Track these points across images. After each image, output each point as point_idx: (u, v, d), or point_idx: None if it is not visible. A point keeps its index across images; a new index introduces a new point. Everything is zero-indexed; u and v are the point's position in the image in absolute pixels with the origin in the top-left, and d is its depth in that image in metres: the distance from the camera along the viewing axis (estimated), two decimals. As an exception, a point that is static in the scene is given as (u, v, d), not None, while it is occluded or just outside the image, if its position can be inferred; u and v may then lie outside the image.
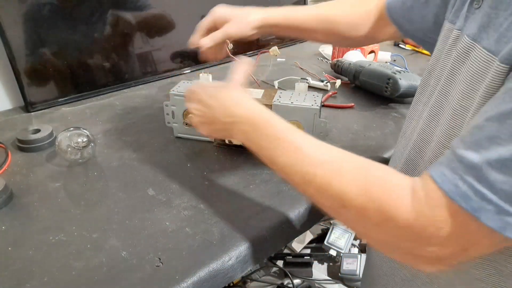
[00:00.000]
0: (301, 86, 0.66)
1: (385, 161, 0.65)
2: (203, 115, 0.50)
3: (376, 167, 0.37)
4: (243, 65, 0.52)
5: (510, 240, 0.29)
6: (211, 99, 0.49)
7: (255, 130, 0.43)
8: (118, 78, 0.91)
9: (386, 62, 1.02)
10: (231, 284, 1.16)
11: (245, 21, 0.63)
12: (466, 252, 0.32)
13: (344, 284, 1.20)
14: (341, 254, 1.21)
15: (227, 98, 0.48)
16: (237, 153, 0.65)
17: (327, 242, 1.24)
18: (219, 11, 0.64)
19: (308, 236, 1.33)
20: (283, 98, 0.63)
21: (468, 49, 0.39)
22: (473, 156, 0.29)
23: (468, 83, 0.37)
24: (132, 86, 0.93)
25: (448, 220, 0.31)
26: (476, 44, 0.37)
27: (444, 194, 0.30)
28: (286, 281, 1.17)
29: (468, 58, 0.38)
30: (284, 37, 0.68)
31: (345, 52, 1.04)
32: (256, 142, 0.43)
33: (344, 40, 0.68)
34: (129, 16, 0.90)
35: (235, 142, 0.63)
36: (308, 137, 0.41)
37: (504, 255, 0.37)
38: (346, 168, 0.37)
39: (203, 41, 0.62)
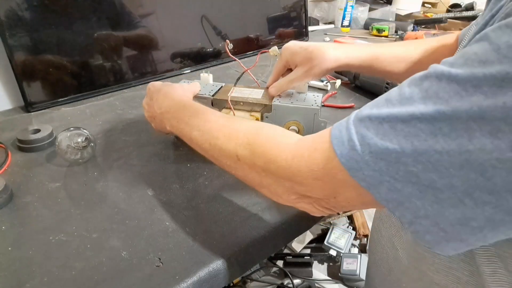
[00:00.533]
0: (301, 86, 0.66)
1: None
2: (148, 109, 0.58)
3: (270, 125, 0.42)
4: (196, 85, 0.63)
5: (375, 202, 0.30)
6: (154, 94, 0.56)
7: (175, 116, 0.50)
8: (118, 78, 0.91)
9: (386, 62, 1.02)
10: (231, 284, 1.16)
11: (321, 65, 0.58)
12: (336, 199, 0.34)
13: (344, 284, 1.20)
14: (341, 254, 1.21)
15: (164, 92, 0.55)
16: (237, 153, 0.65)
17: (327, 242, 1.24)
18: (290, 51, 0.60)
19: (308, 236, 1.33)
20: (283, 98, 0.63)
21: None
22: (365, 110, 0.31)
23: None
24: (132, 86, 0.93)
25: (321, 163, 0.33)
26: None
27: (328, 137, 0.32)
28: (286, 281, 1.18)
29: None
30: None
31: (345, 52, 1.04)
32: (177, 126, 0.50)
33: None
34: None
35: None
36: (216, 111, 0.48)
37: (463, 263, 0.37)
38: (241, 128, 0.42)
39: (271, 91, 0.62)
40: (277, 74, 0.63)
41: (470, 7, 1.39)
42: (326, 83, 0.91)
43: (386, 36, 1.37)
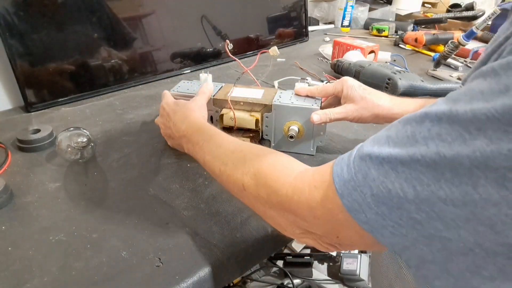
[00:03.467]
0: (301, 86, 0.66)
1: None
2: (165, 130, 0.61)
3: (277, 154, 0.41)
4: (207, 88, 0.62)
5: (379, 245, 0.28)
6: (171, 115, 0.58)
7: (191, 139, 0.51)
8: (118, 78, 0.91)
9: (386, 62, 1.02)
10: (231, 284, 1.16)
11: (372, 111, 0.57)
12: (339, 238, 0.33)
13: (344, 284, 1.20)
14: (341, 254, 1.21)
15: (180, 115, 0.56)
16: (237, 153, 0.65)
17: (327, 242, 1.24)
18: (348, 86, 0.58)
19: (308, 236, 1.33)
20: (283, 98, 0.63)
21: None
22: (366, 147, 0.29)
23: None
24: (132, 86, 0.93)
25: (321, 202, 0.31)
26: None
27: (330, 174, 0.31)
28: (286, 281, 1.17)
29: None
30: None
31: (345, 52, 1.04)
32: (192, 149, 0.51)
33: None
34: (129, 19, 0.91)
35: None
36: (228, 137, 0.48)
37: None
38: (248, 156, 0.41)
39: (315, 117, 0.58)
40: (322, 92, 0.61)
41: (470, 7, 1.39)
42: (326, 83, 0.91)
43: (386, 36, 1.37)
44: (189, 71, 1.03)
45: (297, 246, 1.30)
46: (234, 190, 0.43)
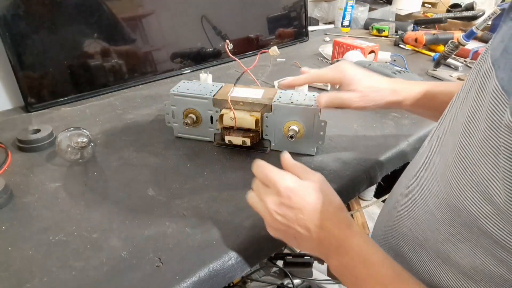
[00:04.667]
0: (301, 86, 0.66)
1: (387, 160, 0.65)
2: (288, 227, 0.40)
3: None
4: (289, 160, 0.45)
5: None
6: (304, 218, 0.39)
7: (349, 268, 0.38)
8: (118, 78, 0.91)
9: (386, 62, 1.02)
10: (231, 284, 1.16)
11: (375, 96, 0.55)
12: None
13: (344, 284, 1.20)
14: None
15: (314, 218, 0.39)
16: (237, 153, 0.65)
17: (327, 242, 1.24)
18: (348, 73, 0.55)
19: (308, 236, 1.33)
20: (283, 98, 0.63)
21: (487, 74, 0.29)
22: None
23: (469, 127, 0.30)
24: (132, 86, 0.93)
25: None
26: (493, 72, 0.28)
27: None
28: (286, 281, 1.17)
29: (483, 88, 0.29)
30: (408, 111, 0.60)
31: (345, 52, 1.04)
32: (340, 273, 0.39)
33: None
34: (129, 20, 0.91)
35: (235, 142, 0.63)
36: (399, 272, 0.35)
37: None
38: None
39: (321, 99, 0.56)
40: (317, 79, 0.58)
41: (470, 7, 1.39)
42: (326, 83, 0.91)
43: (386, 36, 1.37)
44: (189, 71, 1.03)
45: (297, 246, 1.30)
46: None
